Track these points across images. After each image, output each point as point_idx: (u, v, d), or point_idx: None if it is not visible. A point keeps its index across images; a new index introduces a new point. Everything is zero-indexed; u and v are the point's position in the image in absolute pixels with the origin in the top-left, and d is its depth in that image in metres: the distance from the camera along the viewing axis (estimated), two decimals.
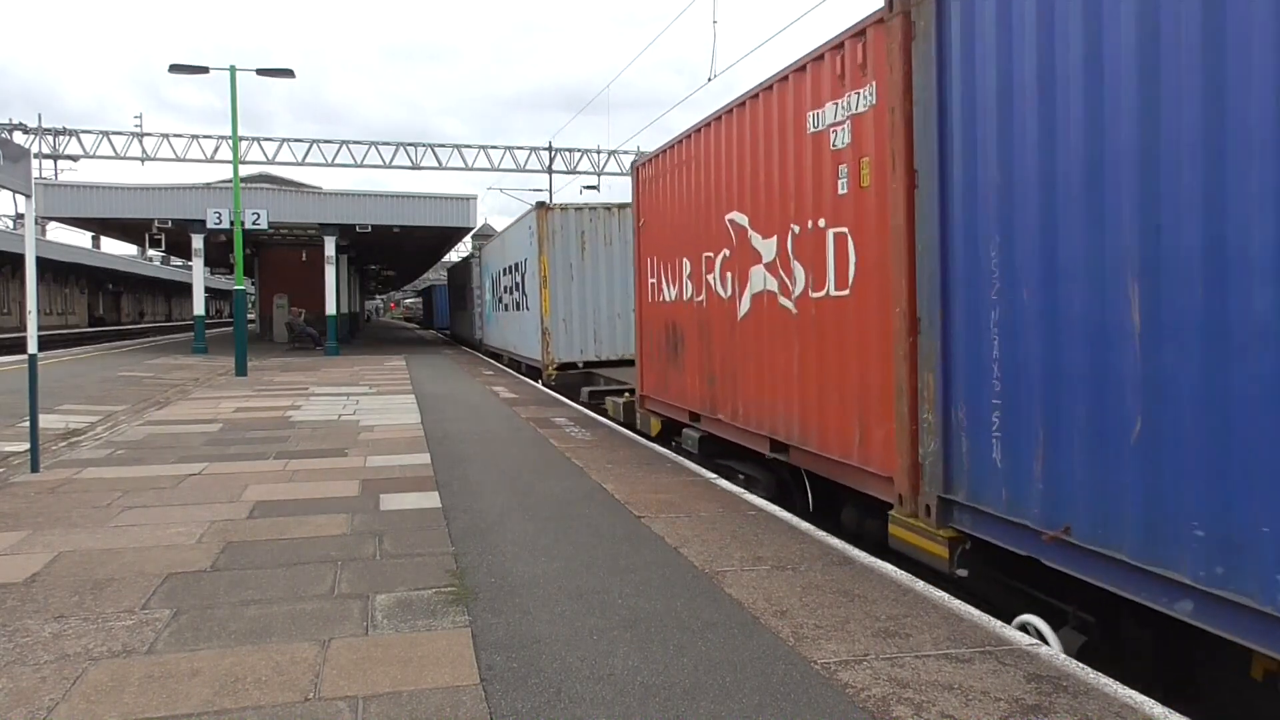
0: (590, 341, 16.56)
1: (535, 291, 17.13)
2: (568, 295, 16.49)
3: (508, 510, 6.63)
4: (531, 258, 17.45)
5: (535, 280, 17.08)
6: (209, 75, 20.54)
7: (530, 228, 17.56)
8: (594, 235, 16.58)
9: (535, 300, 17.19)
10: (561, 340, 16.55)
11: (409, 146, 48.63)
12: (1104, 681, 3.57)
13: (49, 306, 50.93)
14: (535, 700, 3.43)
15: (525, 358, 19.37)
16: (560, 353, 16.59)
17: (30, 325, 8.25)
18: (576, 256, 16.50)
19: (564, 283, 16.50)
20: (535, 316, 17.28)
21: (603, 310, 16.49)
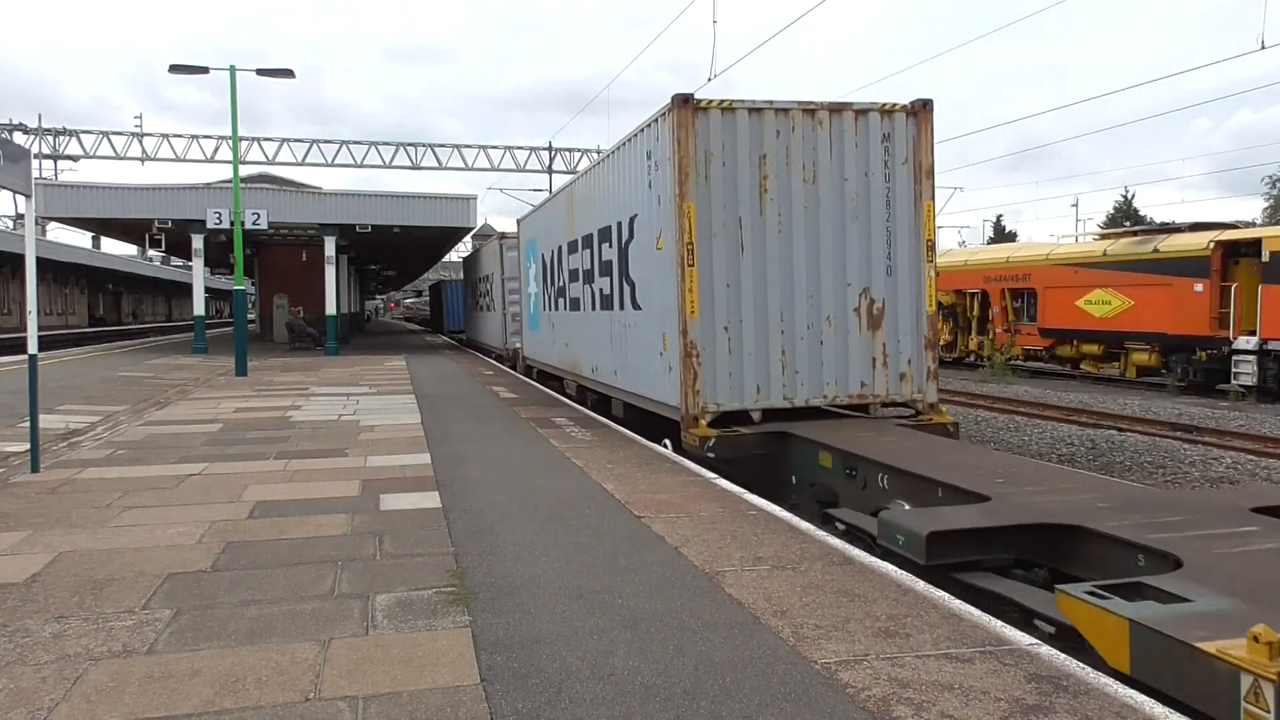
0: (777, 371, 9.24)
1: (661, 275, 9.70)
2: (734, 279, 9.11)
3: (508, 510, 6.63)
4: (652, 210, 9.88)
5: (662, 255, 9.64)
6: (208, 75, 20.53)
7: (649, 152, 9.93)
8: (787, 163, 9.16)
9: (661, 291, 9.76)
10: (720, 369, 9.11)
11: (409, 146, 48.66)
12: (1104, 681, 3.57)
13: (49, 307, 50.92)
14: (535, 700, 3.43)
15: (625, 391, 11.59)
16: (719, 392, 9.11)
17: (30, 325, 8.25)
18: (751, 206, 9.10)
19: (726, 257, 9.09)
20: (655, 321, 10.00)
21: (800, 310, 9.27)
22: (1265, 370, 19.07)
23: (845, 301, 9.38)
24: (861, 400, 9.55)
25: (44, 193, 25.97)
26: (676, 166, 8.94)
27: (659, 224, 9.70)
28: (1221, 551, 4.59)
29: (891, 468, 6.96)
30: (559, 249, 15.59)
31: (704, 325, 9.05)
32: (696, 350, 9.04)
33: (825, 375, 9.37)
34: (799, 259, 9.28)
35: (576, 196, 14.16)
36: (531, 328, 19.54)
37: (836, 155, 9.28)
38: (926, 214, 9.46)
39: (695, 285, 9.00)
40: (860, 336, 9.44)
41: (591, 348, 13.39)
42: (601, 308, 12.54)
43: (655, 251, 9.85)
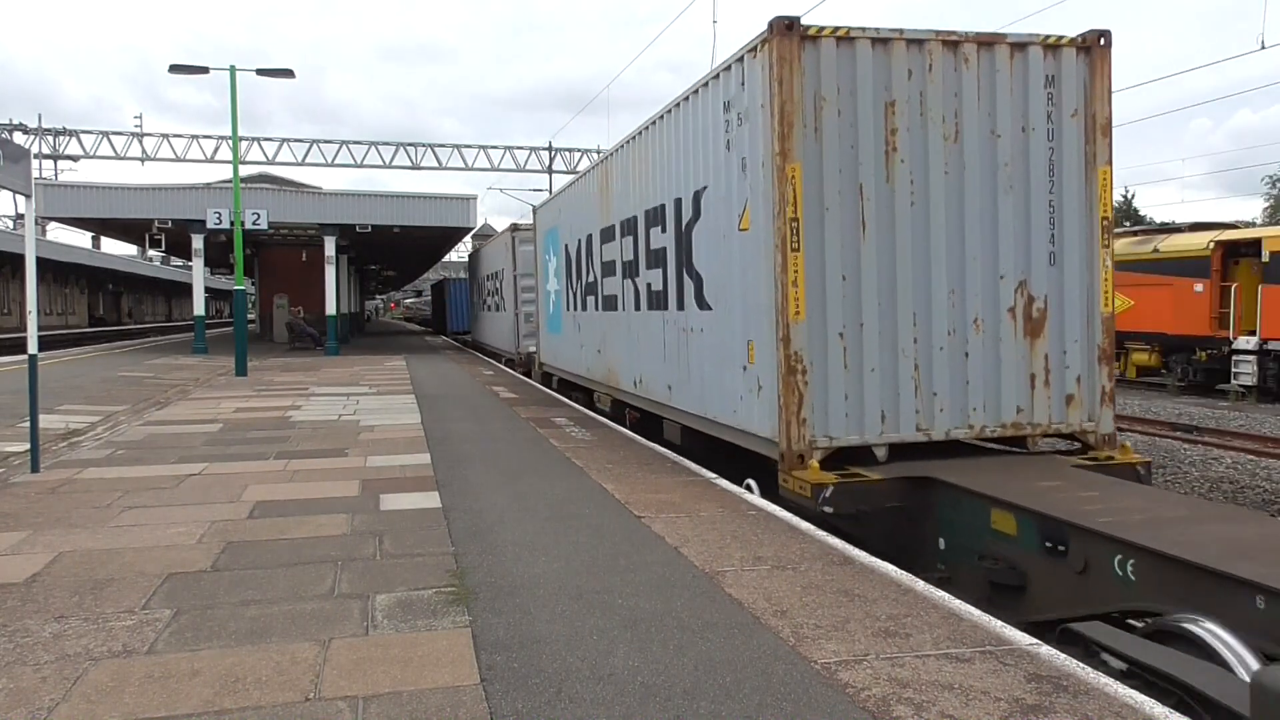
0: (908, 392, 7.11)
1: (743, 264, 7.62)
2: (852, 269, 7.00)
3: (508, 510, 6.63)
4: (731, 180, 7.77)
5: (747, 238, 7.49)
6: (207, 76, 20.53)
7: (728, 103, 7.77)
8: (921, 113, 7.07)
9: (743, 285, 7.66)
10: (834, 390, 6.99)
11: (409, 146, 48.68)
12: (1104, 681, 3.57)
13: (49, 307, 50.92)
14: (535, 700, 3.43)
15: (685, 413, 9.29)
16: (832, 422, 7.00)
17: (30, 325, 8.25)
18: (874, 170, 7.01)
19: (841, 238, 6.97)
20: (735, 325, 7.87)
21: (939, 310, 7.16)
22: (1265, 370, 19.09)
23: (997, 299, 7.25)
24: (1017, 431, 7.35)
25: (44, 193, 25.97)
26: (776, 115, 6.74)
27: (741, 196, 7.57)
28: None
29: (1146, 550, 4.70)
30: (588, 239, 13.24)
31: (812, 331, 6.85)
32: (802, 364, 6.81)
33: (971, 398, 7.20)
34: (937, 242, 7.10)
35: (613, 174, 11.73)
36: (551, 330, 17.00)
37: (986, 103, 7.19)
38: (1102, 183, 7.40)
39: (801, 277, 6.79)
40: (1016, 346, 7.29)
41: (633, 355, 11.10)
42: (650, 307, 10.26)
43: (736, 234, 7.69)
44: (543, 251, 17.62)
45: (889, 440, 7.05)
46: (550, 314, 17.05)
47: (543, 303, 17.93)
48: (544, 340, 18.00)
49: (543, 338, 18.17)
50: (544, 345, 18.02)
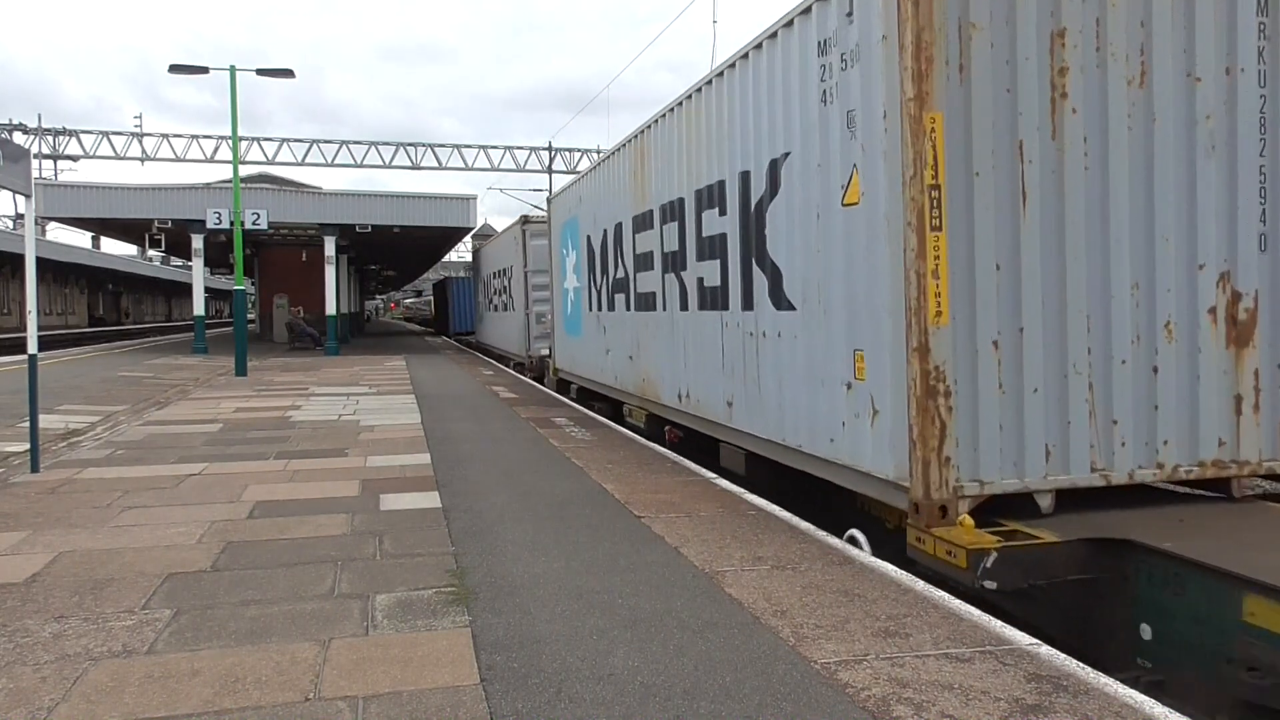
0: (1081, 419, 5.49)
1: (848, 249, 6.05)
2: (1007, 254, 5.36)
3: (508, 510, 6.63)
4: (829, 141, 6.21)
5: (855, 215, 5.92)
6: (207, 75, 20.55)
7: (825, 42, 6.23)
8: (1097, 48, 5.44)
9: (848, 276, 6.06)
10: (986, 417, 5.34)
11: (409, 146, 48.76)
12: (1104, 681, 3.57)
13: (49, 306, 50.93)
14: (535, 700, 3.43)
15: (755, 437, 7.64)
16: (983, 459, 5.34)
17: (30, 325, 8.25)
18: (1038, 121, 5.37)
19: (995, 213, 5.32)
20: (834, 329, 6.26)
21: (1121, 310, 5.55)
22: None
23: (1194, 295, 5.61)
24: (1219, 472, 5.67)
25: (44, 193, 25.98)
26: (909, 48, 5.14)
27: (846, 161, 5.93)
28: None
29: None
30: (616, 229, 11.60)
31: (958, 338, 5.21)
32: (944, 383, 5.15)
33: (1161, 428, 5.58)
34: (1119, 219, 5.47)
35: (651, 151, 10.13)
36: (569, 332, 15.24)
37: (1181, 34, 5.50)
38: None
39: (944, 265, 5.14)
40: (1217, 357, 5.65)
41: (677, 364, 9.44)
42: (703, 306, 8.63)
43: (837, 210, 6.03)
44: (559, 245, 15.84)
45: (1056, 485, 5.37)
46: (568, 315, 15.28)
47: (559, 302, 16.19)
48: (560, 343, 16.27)
49: (559, 341, 16.41)
50: (560, 349, 16.28)
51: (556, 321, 16.70)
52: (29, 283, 8.19)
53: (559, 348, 16.47)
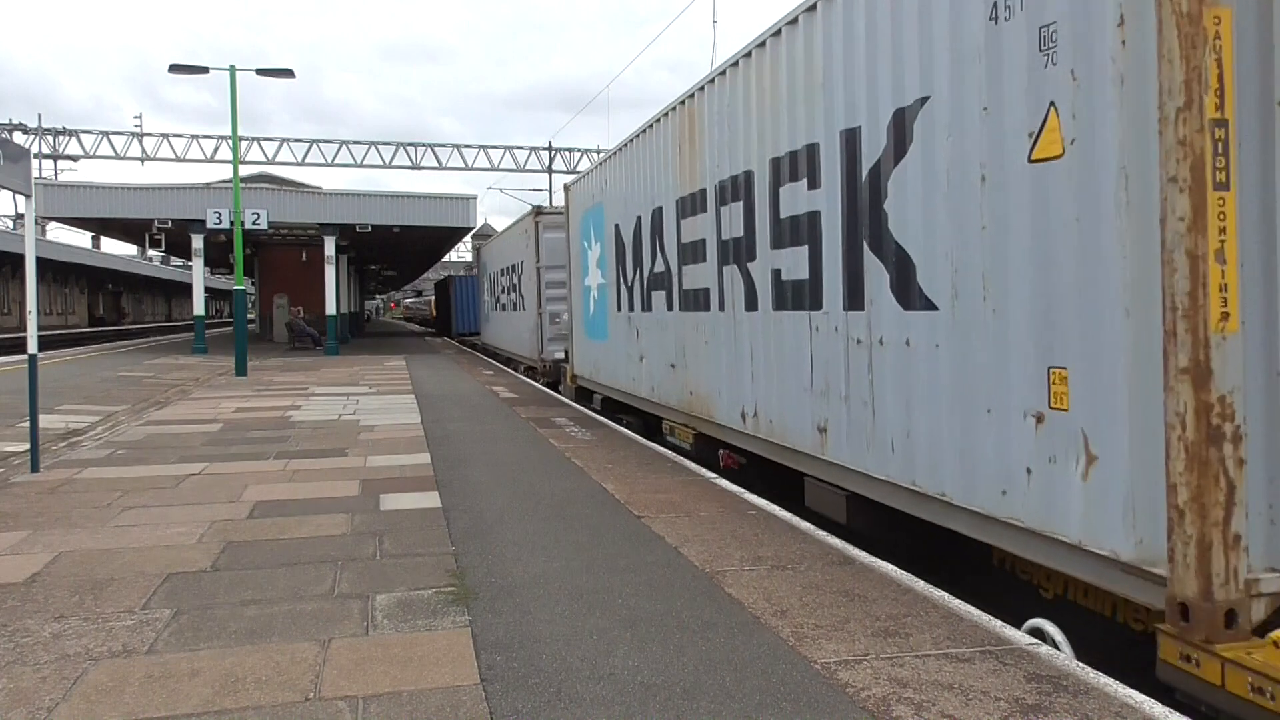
0: None
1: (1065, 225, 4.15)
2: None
3: (508, 510, 6.63)
4: (1025, 66, 4.36)
5: (1063, 176, 4.14)
6: (206, 75, 20.54)
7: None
8: None
9: (1058, 262, 4.20)
10: None
11: (409, 146, 48.79)
12: (1104, 681, 3.57)
13: (49, 306, 50.93)
14: (535, 700, 3.43)
15: (866, 478, 5.90)
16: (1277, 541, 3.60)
17: (30, 325, 8.25)
18: None
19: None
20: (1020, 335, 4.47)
21: None
22: None
23: None
24: None
25: (44, 193, 25.98)
26: None
27: (1036, 99, 4.29)
28: None
29: None
30: (654, 215, 10.18)
31: (1251, 354, 3.60)
32: (1232, 422, 3.47)
33: None
34: None
35: (704, 117, 8.59)
36: (591, 335, 13.69)
37: None
38: None
39: (1233, 241, 3.48)
40: None
41: (740, 375, 7.93)
42: (782, 305, 7.11)
43: (1022, 170, 4.38)
44: (579, 237, 14.12)
45: None
46: (590, 315, 13.67)
47: (579, 301, 14.42)
48: (580, 348, 14.57)
49: (578, 344, 14.72)
50: (580, 354, 14.58)
51: (575, 323, 14.97)
52: (29, 283, 8.19)
53: (578, 353, 14.68)
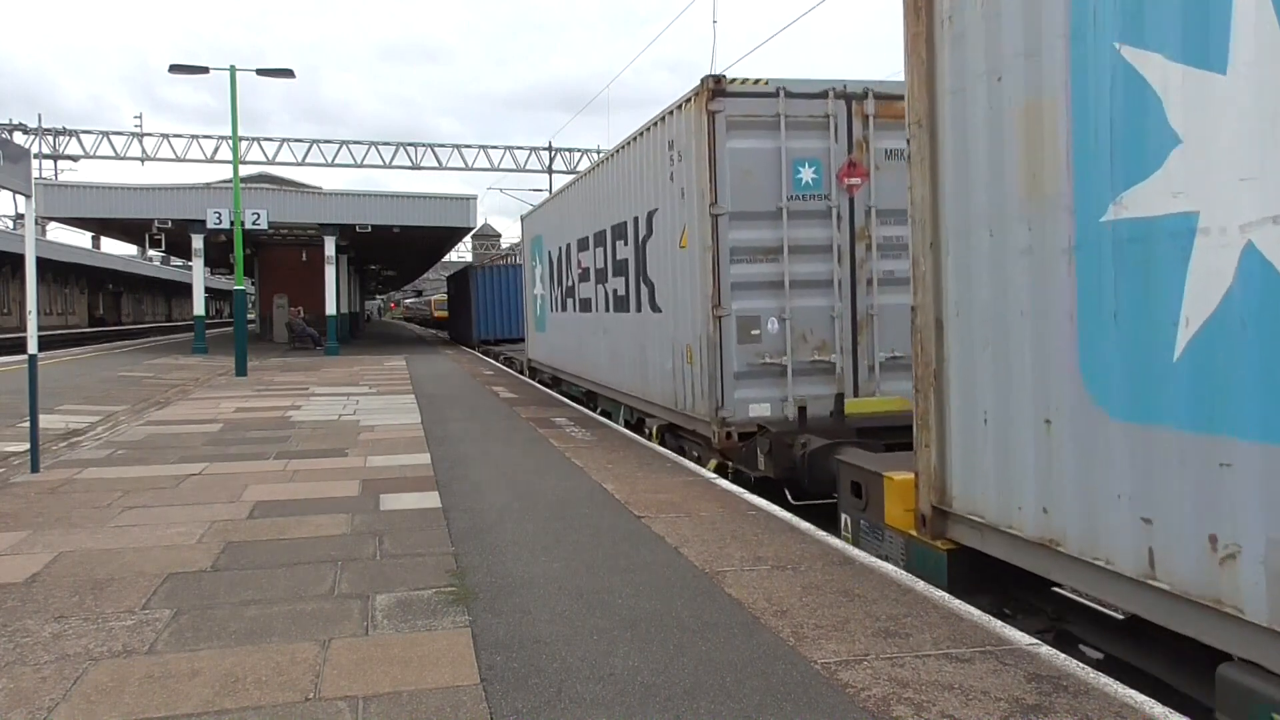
0: None
1: None
2: None
3: (508, 510, 6.63)
4: None
5: None
6: (205, 76, 20.54)
7: None
8: None
9: None
10: None
11: (409, 146, 48.79)
12: (1104, 681, 3.57)
13: (49, 306, 50.93)
14: (535, 700, 3.43)
15: None
16: None
17: (30, 325, 8.25)
18: None
19: None
20: None
21: None
22: None
23: None
24: None
25: (44, 193, 25.99)
26: None
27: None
28: None
29: None
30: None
31: None
32: None
33: None
34: None
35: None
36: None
37: None
38: None
39: None
40: None
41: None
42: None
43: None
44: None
45: None
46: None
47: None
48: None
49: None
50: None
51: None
52: (29, 283, 8.19)
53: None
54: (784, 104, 8.28)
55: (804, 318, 8.36)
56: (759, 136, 8.26)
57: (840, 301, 8.39)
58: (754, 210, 8.24)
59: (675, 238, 9.18)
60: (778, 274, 8.30)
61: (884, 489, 5.69)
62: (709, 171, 8.20)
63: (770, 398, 8.34)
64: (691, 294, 8.79)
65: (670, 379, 9.57)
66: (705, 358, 8.43)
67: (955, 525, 5.01)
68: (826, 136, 8.34)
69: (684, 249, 8.94)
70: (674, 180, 9.15)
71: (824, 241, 8.36)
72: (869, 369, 8.54)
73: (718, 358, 8.29)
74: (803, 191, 8.29)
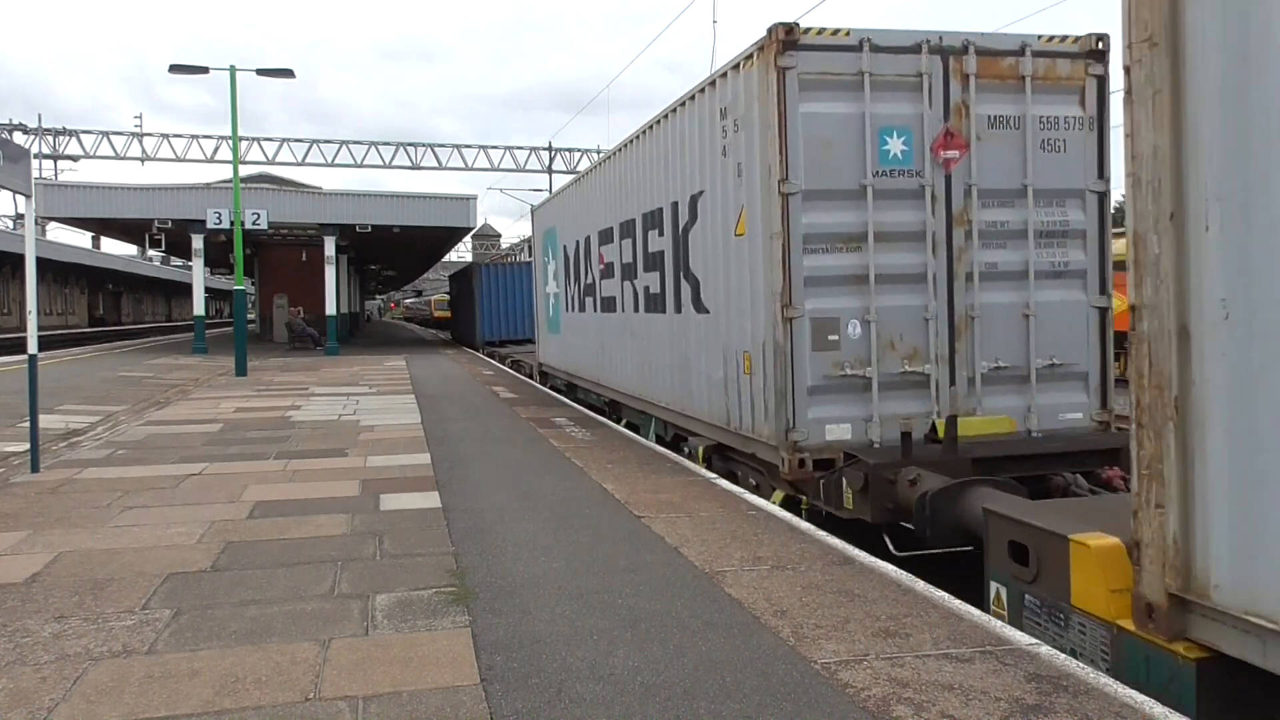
0: None
1: None
2: None
3: (508, 510, 6.63)
4: None
5: None
6: (205, 76, 20.54)
7: None
8: None
9: None
10: None
11: (409, 146, 48.77)
12: (1104, 681, 3.57)
13: (49, 307, 50.92)
14: (535, 700, 3.43)
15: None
16: None
17: (30, 325, 8.25)
18: None
19: None
20: None
21: None
22: None
23: None
24: None
25: (44, 193, 25.99)
26: None
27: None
28: None
29: None
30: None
31: None
32: None
33: None
34: None
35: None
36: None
37: None
38: None
39: None
40: None
41: None
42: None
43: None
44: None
45: None
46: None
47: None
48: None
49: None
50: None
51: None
52: (29, 283, 8.19)
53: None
54: (869, 59, 6.87)
55: (892, 320, 7.01)
56: (839, 99, 6.91)
57: (935, 300, 7.05)
58: (833, 189, 6.89)
59: (728, 224, 7.90)
60: (860, 266, 6.96)
61: (1071, 557, 4.32)
62: (778, 142, 6.80)
63: (852, 417, 7.00)
64: (751, 291, 7.48)
65: (721, 392, 8.20)
66: (771, 368, 7.11)
67: (1209, 624, 3.56)
68: (919, 100, 7.00)
69: (740, 237, 7.64)
70: (727, 155, 7.82)
71: (915, 227, 7.02)
72: (969, 381, 7.14)
73: (787, 368, 6.90)
74: (891, 166, 6.96)
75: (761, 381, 7.32)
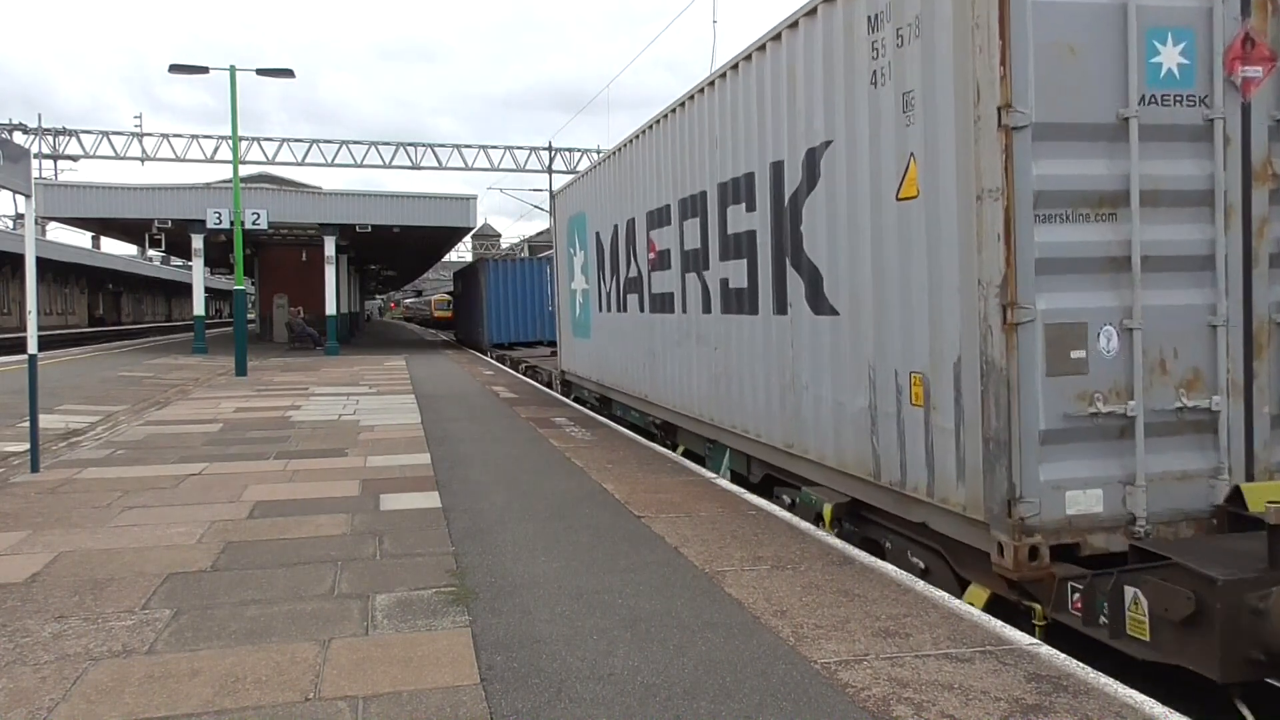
0: None
1: None
2: None
3: (508, 510, 6.63)
4: None
5: None
6: (204, 76, 20.53)
7: None
8: None
9: None
10: None
11: (409, 146, 48.77)
12: (1104, 681, 3.57)
13: (49, 306, 50.91)
14: (535, 700, 3.43)
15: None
16: None
17: (30, 325, 8.25)
18: None
19: None
20: None
21: None
22: None
23: None
24: None
25: (44, 193, 25.98)
26: None
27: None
28: None
29: None
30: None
31: None
32: None
33: None
34: None
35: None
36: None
37: None
38: None
39: None
40: None
41: None
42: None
43: None
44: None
45: None
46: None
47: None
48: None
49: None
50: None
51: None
52: (29, 283, 8.19)
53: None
54: None
55: (1163, 326, 4.64)
56: None
57: (1227, 297, 4.70)
58: (1078, 122, 4.54)
59: (881, 185, 5.54)
60: (1116, 244, 4.61)
61: None
62: (999, 43, 4.38)
63: (1103, 479, 4.58)
64: (931, 281, 5.08)
65: (863, 430, 5.86)
66: (972, 400, 4.73)
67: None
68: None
69: (907, 201, 5.29)
70: (883, 83, 5.45)
71: (1198, 184, 4.69)
72: (1272, 422, 4.80)
73: (1006, 401, 4.45)
74: (1163, 89, 4.62)
75: (952, 420, 4.93)
